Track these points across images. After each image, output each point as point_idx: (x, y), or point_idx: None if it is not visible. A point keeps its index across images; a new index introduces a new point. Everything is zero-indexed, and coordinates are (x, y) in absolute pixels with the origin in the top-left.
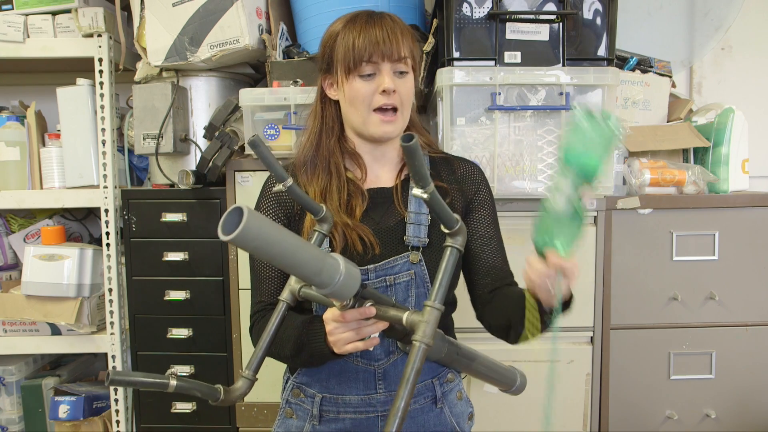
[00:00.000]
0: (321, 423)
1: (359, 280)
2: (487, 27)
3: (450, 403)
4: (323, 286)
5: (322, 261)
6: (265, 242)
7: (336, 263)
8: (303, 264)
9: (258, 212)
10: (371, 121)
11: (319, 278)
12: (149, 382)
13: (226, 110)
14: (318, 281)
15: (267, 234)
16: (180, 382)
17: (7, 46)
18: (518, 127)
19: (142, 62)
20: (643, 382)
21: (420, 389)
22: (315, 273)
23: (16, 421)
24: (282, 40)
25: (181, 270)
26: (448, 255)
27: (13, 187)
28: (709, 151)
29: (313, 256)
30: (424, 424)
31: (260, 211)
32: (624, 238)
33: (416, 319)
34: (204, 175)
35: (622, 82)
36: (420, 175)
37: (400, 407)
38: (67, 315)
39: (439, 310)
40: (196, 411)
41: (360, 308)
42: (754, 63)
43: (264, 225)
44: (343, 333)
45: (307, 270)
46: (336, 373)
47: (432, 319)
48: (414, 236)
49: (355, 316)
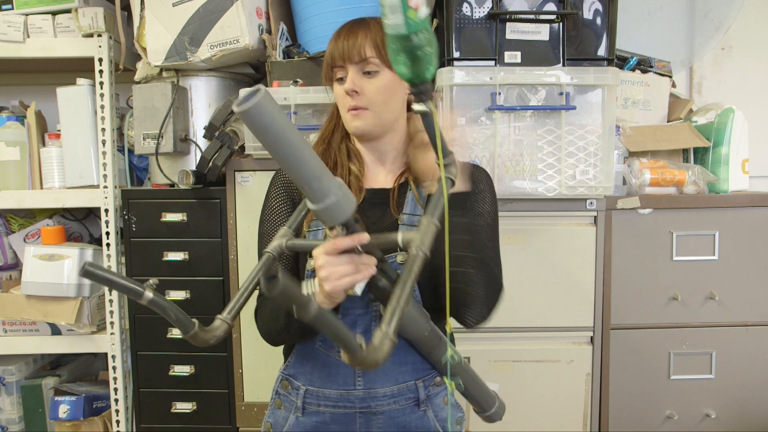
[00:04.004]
0: (304, 415)
1: (354, 204)
2: (487, 27)
3: (435, 407)
4: (320, 198)
5: (323, 169)
6: (274, 122)
7: (336, 180)
8: (306, 162)
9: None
10: (347, 120)
11: (318, 184)
12: (123, 284)
13: (226, 110)
14: (317, 188)
15: (278, 116)
16: (155, 296)
17: (7, 46)
18: (518, 127)
19: (142, 62)
20: (643, 382)
21: (401, 390)
22: (315, 177)
23: (16, 421)
24: (282, 40)
25: (181, 270)
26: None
27: (13, 187)
28: (709, 151)
29: (317, 160)
30: (405, 426)
31: (270, 199)
32: (624, 238)
33: (412, 234)
34: (204, 175)
35: (622, 82)
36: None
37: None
38: (67, 315)
39: (435, 225)
40: (196, 411)
41: (353, 234)
42: (754, 63)
43: (277, 108)
44: (337, 266)
45: (309, 170)
46: (319, 367)
47: (429, 231)
48: None
49: (348, 243)
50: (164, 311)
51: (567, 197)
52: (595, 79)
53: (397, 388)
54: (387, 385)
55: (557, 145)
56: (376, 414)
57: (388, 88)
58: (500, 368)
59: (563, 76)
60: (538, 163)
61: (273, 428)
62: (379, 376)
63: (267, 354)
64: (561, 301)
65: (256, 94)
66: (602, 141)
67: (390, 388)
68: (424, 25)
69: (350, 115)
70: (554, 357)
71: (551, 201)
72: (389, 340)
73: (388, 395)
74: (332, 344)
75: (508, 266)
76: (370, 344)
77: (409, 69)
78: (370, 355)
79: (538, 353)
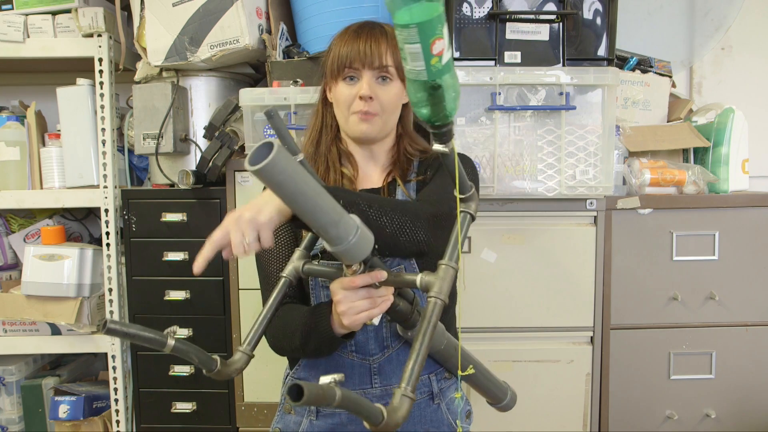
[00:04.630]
0: (318, 418)
1: (372, 242)
2: (487, 27)
3: (448, 401)
4: (338, 241)
5: (341, 213)
6: (289, 178)
7: (352, 220)
8: (323, 211)
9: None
10: (350, 122)
11: (335, 230)
12: (146, 336)
13: (226, 110)
14: (334, 233)
15: (293, 171)
16: (178, 343)
17: (7, 46)
18: (518, 127)
19: (142, 62)
20: (643, 382)
21: (417, 384)
22: (333, 223)
23: (16, 421)
24: (282, 40)
25: (181, 270)
26: (462, 219)
27: (13, 187)
28: (709, 151)
29: (333, 206)
30: (421, 420)
31: None
32: (624, 238)
33: (431, 278)
34: (204, 175)
35: (622, 82)
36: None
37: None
38: (67, 315)
39: (454, 268)
40: (196, 411)
41: (371, 272)
42: (754, 63)
43: (292, 162)
44: (354, 302)
45: (326, 218)
46: (332, 369)
47: (447, 276)
48: None
49: (366, 281)
50: (187, 356)
51: (567, 197)
52: (595, 79)
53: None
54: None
55: (557, 145)
56: None
57: (398, 97)
58: (500, 368)
59: (563, 76)
60: (538, 163)
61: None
62: (395, 373)
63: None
64: (561, 301)
65: (269, 152)
66: (602, 141)
67: None
68: (447, 69)
69: (358, 118)
70: (554, 357)
71: (551, 201)
72: (408, 398)
73: None
74: (345, 345)
75: (508, 266)
76: (390, 406)
77: (430, 112)
78: (392, 420)
79: (538, 353)
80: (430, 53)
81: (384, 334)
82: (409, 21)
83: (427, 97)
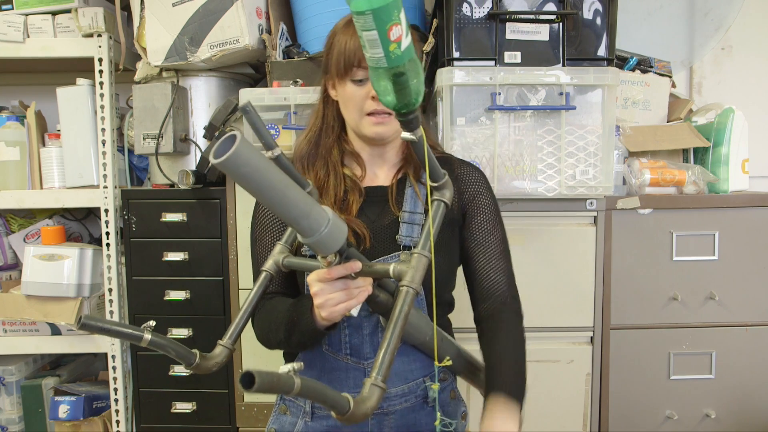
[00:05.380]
0: (313, 420)
1: (346, 232)
2: (487, 27)
3: (442, 402)
4: (310, 232)
5: (311, 205)
6: (254, 170)
7: (324, 211)
8: (292, 203)
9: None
10: (363, 124)
11: (306, 221)
12: (122, 332)
13: (226, 110)
14: (306, 225)
15: (257, 162)
16: (155, 337)
17: (7, 46)
18: (518, 127)
19: (142, 62)
20: (643, 382)
21: (411, 388)
22: (303, 215)
23: (16, 421)
24: (282, 40)
25: (181, 270)
26: (435, 207)
27: (13, 187)
28: (709, 151)
29: (303, 198)
30: (414, 423)
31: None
32: (624, 238)
33: (403, 267)
34: (204, 175)
35: (622, 82)
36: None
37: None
38: (67, 315)
39: (426, 257)
40: (196, 411)
41: (346, 263)
42: (754, 63)
43: (255, 154)
44: (331, 293)
45: (295, 210)
46: (327, 371)
47: (419, 265)
48: (406, 235)
49: (341, 272)
50: (165, 349)
51: (567, 197)
52: (595, 79)
53: (407, 386)
54: (398, 385)
55: (557, 145)
56: (387, 414)
57: None
58: None
59: (563, 76)
60: (538, 163)
61: None
62: (390, 378)
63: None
64: (561, 301)
65: (231, 144)
66: (602, 141)
67: (401, 387)
68: (407, 56)
69: (372, 120)
70: (554, 357)
71: (551, 201)
72: (379, 388)
73: (400, 394)
74: (340, 347)
75: None
76: (359, 396)
77: (395, 99)
78: (359, 410)
79: (537, 353)
80: (388, 39)
81: (379, 337)
82: (365, 7)
83: (391, 85)
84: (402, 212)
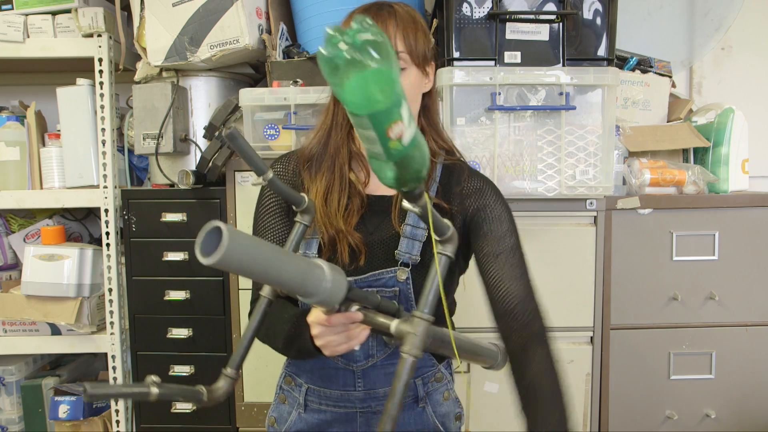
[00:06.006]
0: (306, 412)
1: (345, 287)
2: (487, 27)
3: (434, 403)
4: (308, 296)
5: (306, 271)
6: (246, 263)
7: (321, 272)
8: (289, 277)
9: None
10: None
11: (304, 289)
12: (128, 393)
13: (226, 110)
14: (303, 292)
15: (250, 255)
16: (161, 389)
17: (7, 46)
18: (518, 127)
19: (142, 62)
20: (643, 382)
21: None
22: (300, 284)
23: (16, 421)
24: (282, 40)
25: (181, 270)
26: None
27: (13, 187)
28: (709, 151)
29: (297, 266)
30: (402, 423)
31: (263, 197)
32: (624, 238)
33: (405, 329)
34: (204, 175)
35: (622, 82)
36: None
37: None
38: (67, 315)
39: (428, 321)
40: (196, 411)
41: (346, 313)
42: (754, 63)
43: (245, 246)
44: (331, 336)
45: (293, 282)
46: (319, 367)
47: (421, 330)
48: (406, 252)
49: (340, 321)
50: (173, 397)
51: (567, 197)
52: (595, 79)
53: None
54: (387, 385)
55: (557, 145)
56: (376, 413)
57: (416, 86)
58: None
59: (563, 76)
60: (538, 163)
61: (277, 422)
62: (379, 378)
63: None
64: (561, 301)
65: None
66: (602, 141)
67: (389, 387)
68: (408, 149)
69: None
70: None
71: (551, 201)
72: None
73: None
74: None
75: None
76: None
77: (396, 181)
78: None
79: None
80: (387, 138)
81: (370, 343)
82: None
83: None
84: (404, 226)
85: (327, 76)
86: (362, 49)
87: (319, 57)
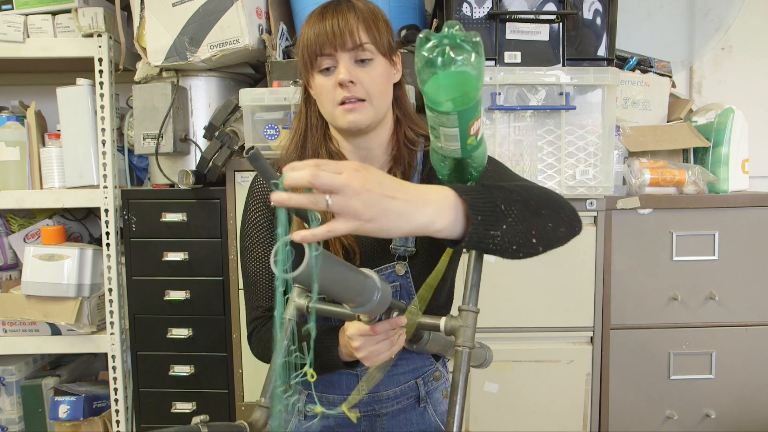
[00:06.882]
0: (306, 419)
1: (391, 294)
2: (487, 27)
3: (434, 402)
4: (362, 305)
5: (363, 282)
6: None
7: (373, 282)
8: (350, 287)
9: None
10: (337, 115)
11: (360, 298)
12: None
13: (226, 110)
14: (359, 302)
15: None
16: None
17: (7, 46)
18: (518, 127)
19: (142, 62)
20: (643, 382)
21: (403, 390)
22: (358, 293)
23: (16, 421)
24: (282, 40)
25: (181, 270)
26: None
27: (13, 187)
28: (709, 151)
29: (356, 278)
30: (406, 423)
31: (249, 212)
32: (624, 238)
33: (455, 324)
34: (204, 175)
35: (622, 82)
36: None
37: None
38: (67, 315)
39: (475, 312)
40: (196, 411)
41: (390, 319)
42: (754, 63)
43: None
44: (375, 345)
45: (354, 291)
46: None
47: (471, 323)
48: (401, 245)
49: (386, 328)
50: None
51: (567, 197)
52: (595, 79)
53: (399, 389)
54: (391, 388)
55: (557, 145)
56: (379, 416)
57: (385, 77)
58: (500, 368)
59: (563, 76)
60: (538, 163)
61: None
62: (383, 381)
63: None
64: (561, 301)
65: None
66: (602, 141)
67: (393, 390)
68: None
69: (343, 109)
70: (554, 357)
71: None
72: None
73: (392, 397)
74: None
75: (508, 266)
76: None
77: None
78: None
79: (538, 353)
80: (468, 134)
81: None
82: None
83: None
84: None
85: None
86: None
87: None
